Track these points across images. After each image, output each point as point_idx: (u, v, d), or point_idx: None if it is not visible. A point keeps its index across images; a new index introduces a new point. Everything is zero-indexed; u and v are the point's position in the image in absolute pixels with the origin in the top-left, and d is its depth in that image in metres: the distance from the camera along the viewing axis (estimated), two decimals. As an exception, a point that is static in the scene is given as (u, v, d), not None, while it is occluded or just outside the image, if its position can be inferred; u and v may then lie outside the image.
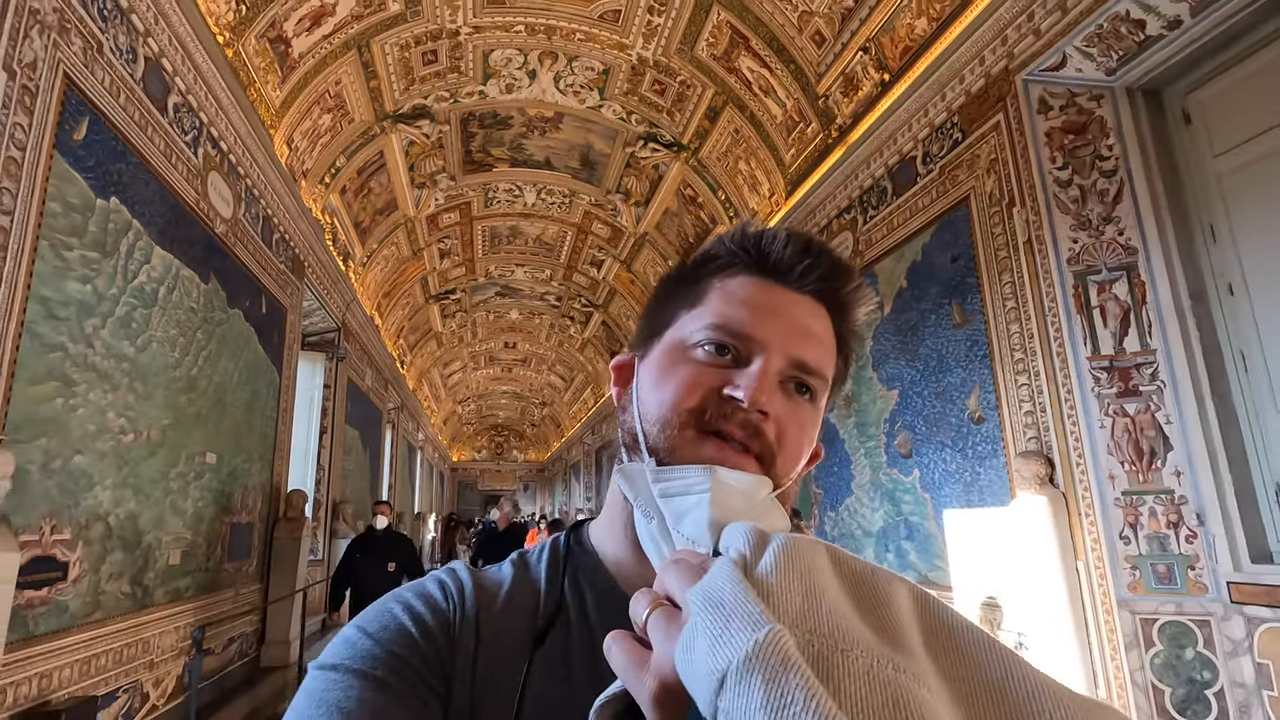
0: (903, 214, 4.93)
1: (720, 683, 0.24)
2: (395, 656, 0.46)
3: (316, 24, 5.44)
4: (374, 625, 0.48)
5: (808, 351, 0.51)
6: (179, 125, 4.16)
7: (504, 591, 0.54)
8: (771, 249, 0.53)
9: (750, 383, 0.48)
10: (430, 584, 0.53)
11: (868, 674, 0.24)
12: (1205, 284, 3.37)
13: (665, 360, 0.52)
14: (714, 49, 6.30)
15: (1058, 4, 3.60)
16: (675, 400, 0.49)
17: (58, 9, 3.03)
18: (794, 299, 0.53)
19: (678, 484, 0.44)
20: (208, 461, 4.68)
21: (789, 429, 0.49)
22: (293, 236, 6.30)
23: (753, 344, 0.50)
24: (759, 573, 0.28)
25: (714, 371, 0.50)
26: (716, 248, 0.56)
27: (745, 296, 0.52)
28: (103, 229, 3.43)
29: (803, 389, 0.51)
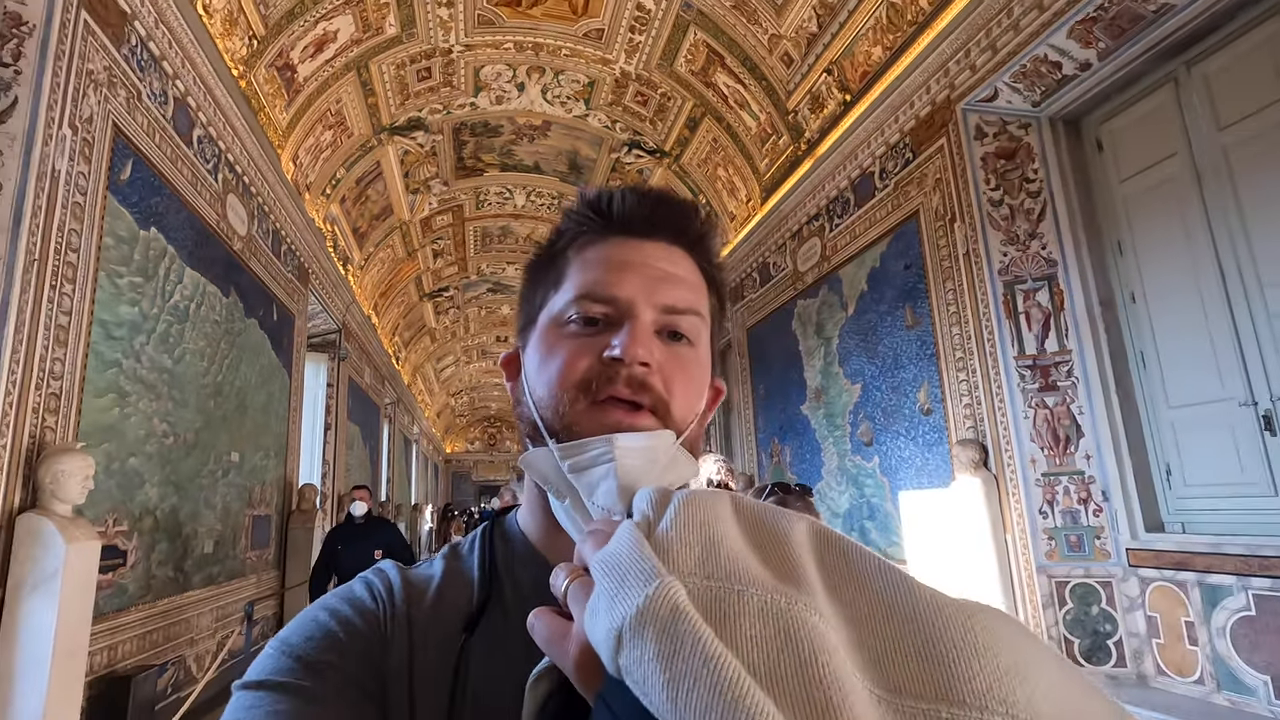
0: (863, 224, 5.43)
1: (619, 639, 0.25)
2: (321, 663, 0.45)
3: (320, 50, 5.86)
4: (297, 636, 0.48)
5: (674, 295, 0.52)
6: (202, 155, 4.59)
7: (434, 586, 0.54)
8: (613, 206, 0.54)
9: (625, 339, 0.48)
10: (357, 586, 0.53)
11: (761, 610, 0.25)
12: (1113, 293, 3.91)
13: (543, 344, 0.53)
14: (692, 65, 6.75)
15: (989, 44, 4.10)
16: (560, 377, 0.50)
17: (107, 67, 3.47)
18: (647, 248, 0.53)
19: (583, 458, 0.45)
20: (232, 460, 5.16)
21: (675, 375, 0.50)
22: (299, 247, 6.74)
23: (619, 303, 0.50)
24: (659, 530, 0.29)
25: (590, 340, 0.50)
26: (564, 221, 0.57)
27: (601, 259, 0.53)
28: (145, 256, 3.88)
29: (677, 336, 0.52)
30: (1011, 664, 0.24)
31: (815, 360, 6.16)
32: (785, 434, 6.71)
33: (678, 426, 0.49)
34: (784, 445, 6.74)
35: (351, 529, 5.09)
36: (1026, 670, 0.24)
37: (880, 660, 0.24)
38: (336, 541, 5.06)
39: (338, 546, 5.00)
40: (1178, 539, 3.43)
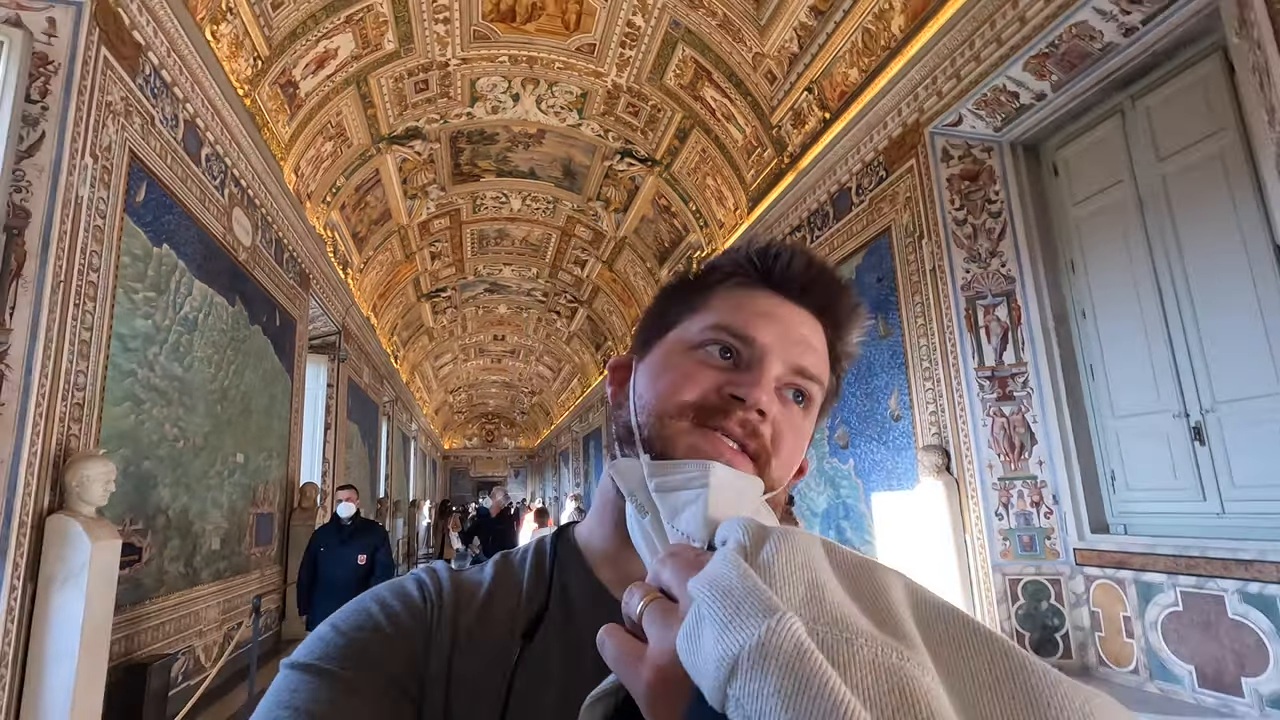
0: (841, 236, 5.70)
1: (731, 669, 0.24)
2: (367, 657, 0.46)
3: (321, 66, 6.11)
4: (347, 624, 0.48)
5: (807, 359, 0.52)
6: (209, 172, 4.85)
7: (484, 591, 0.54)
8: (777, 263, 0.54)
9: (753, 383, 0.48)
10: (409, 583, 0.53)
11: (873, 662, 0.24)
12: (1066, 309, 4.18)
13: (665, 358, 0.53)
14: (680, 79, 7.01)
15: (954, 73, 4.35)
16: (672, 390, 0.50)
17: (124, 97, 3.72)
18: (795, 311, 0.54)
19: (675, 478, 0.44)
20: (238, 460, 5.43)
21: (785, 433, 0.50)
22: (300, 254, 7.00)
23: (754, 347, 0.51)
24: (760, 562, 0.28)
25: (715, 371, 0.50)
26: (722, 260, 0.57)
27: (748, 303, 0.53)
28: (158, 272, 4.15)
29: (799, 396, 0.52)
30: None
31: (797, 366, 6.42)
32: (769, 436, 6.99)
33: (771, 483, 0.49)
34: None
35: (336, 531, 4.86)
36: None
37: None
38: (320, 544, 4.83)
39: (320, 549, 4.80)
40: (1118, 540, 3.71)
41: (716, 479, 0.42)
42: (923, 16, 4.54)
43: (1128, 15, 3.49)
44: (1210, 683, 3.17)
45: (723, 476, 0.43)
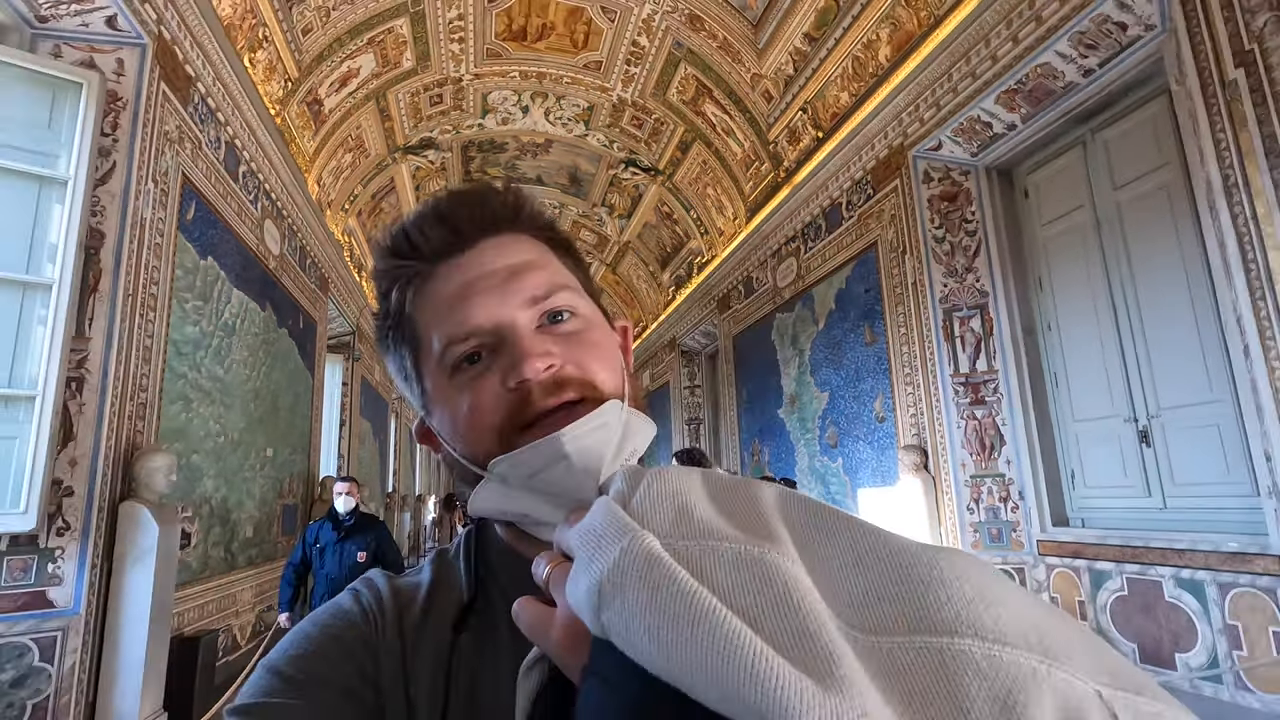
0: (833, 249, 6.09)
1: (599, 598, 0.25)
2: (316, 681, 0.45)
3: (344, 84, 6.51)
4: (285, 654, 0.47)
5: (529, 284, 0.49)
6: (245, 188, 5.26)
7: (423, 591, 0.53)
8: (414, 241, 0.51)
9: (516, 358, 0.46)
10: (345, 598, 0.53)
11: (735, 559, 0.25)
12: (1034, 322, 4.58)
13: (446, 408, 0.50)
14: (683, 95, 7.40)
15: (934, 102, 4.75)
16: (474, 424, 0.47)
17: (178, 125, 4.13)
18: (473, 258, 0.50)
19: (535, 461, 0.44)
20: (267, 455, 5.85)
21: (579, 352, 0.48)
22: (321, 259, 7.41)
23: (484, 329, 0.48)
24: (633, 503, 0.29)
25: (485, 379, 0.48)
26: (383, 284, 0.54)
27: (441, 298, 0.50)
28: (204, 282, 4.56)
29: (557, 316, 0.50)
30: (977, 592, 0.24)
31: (791, 369, 6.84)
32: (765, 435, 7.40)
33: (615, 394, 0.48)
34: (764, 445, 7.42)
35: (335, 527, 4.44)
36: (992, 597, 0.24)
37: (852, 604, 0.24)
38: (316, 540, 4.45)
39: (316, 546, 4.43)
40: (1076, 532, 4.12)
41: (569, 439, 0.43)
42: (907, 49, 4.93)
43: (1085, 59, 3.88)
44: (1149, 658, 3.58)
45: (574, 434, 0.43)
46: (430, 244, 0.51)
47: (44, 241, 3.29)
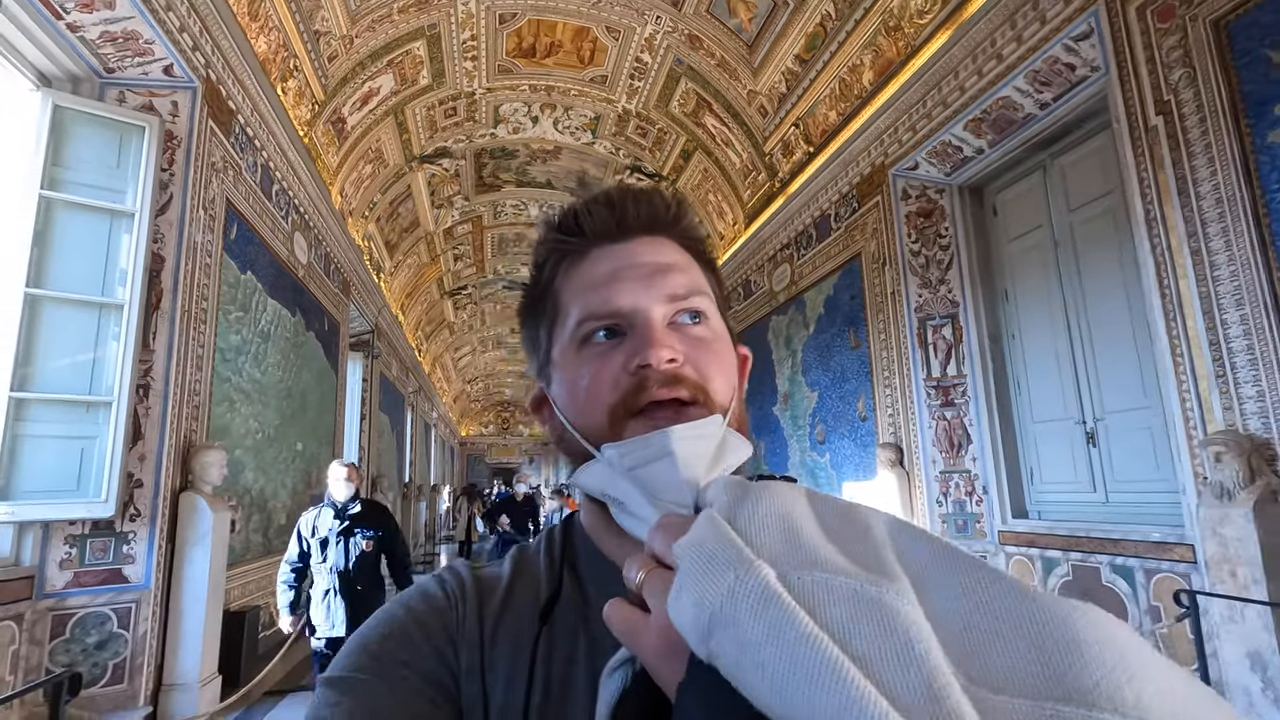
0: (822, 257, 6.52)
1: (709, 624, 0.26)
2: (400, 663, 0.48)
3: (365, 103, 7.00)
4: (375, 633, 0.50)
5: (672, 283, 0.52)
6: (278, 205, 5.77)
7: (504, 584, 0.55)
8: (582, 222, 0.55)
9: (644, 343, 0.49)
10: (431, 584, 0.55)
11: (853, 597, 0.24)
12: (1000, 330, 5.00)
13: (567, 374, 0.53)
14: (684, 108, 7.83)
15: (910, 125, 5.16)
16: (590, 399, 0.50)
17: (223, 156, 4.64)
18: (630, 249, 0.54)
19: (641, 453, 0.45)
20: (297, 449, 6.40)
21: (702, 358, 0.51)
22: (343, 264, 7.94)
23: (624, 314, 0.51)
24: (740, 521, 0.29)
25: (611, 354, 0.51)
26: (540, 253, 0.58)
27: (590, 277, 0.53)
28: (245, 294, 5.08)
29: (694, 316, 0.52)
30: (1119, 660, 0.22)
31: (784, 369, 7.29)
32: (760, 431, 7.86)
33: (722, 407, 0.50)
34: (759, 441, 7.89)
35: (337, 516, 3.91)
36: (1135, 667, 0.22)
37: (975, 655, 0.23)
38: (313, 533, 3.88)
39: (316, 539, 3.86)
40: (1031, 524, 4.56)
41: (677, 439, 0.44)
42: (887, 74, 5.34)
43: (1041, 94, 4.29)
44: (1089, 636, 4.02)
45: (681, 434, 0.45)
46: (594, 226, 0.55)
47: (115, 267, 3.81)
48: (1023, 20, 4.12)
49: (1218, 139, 3.08)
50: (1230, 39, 3.07)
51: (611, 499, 0.48)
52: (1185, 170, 3.23)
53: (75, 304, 3.67)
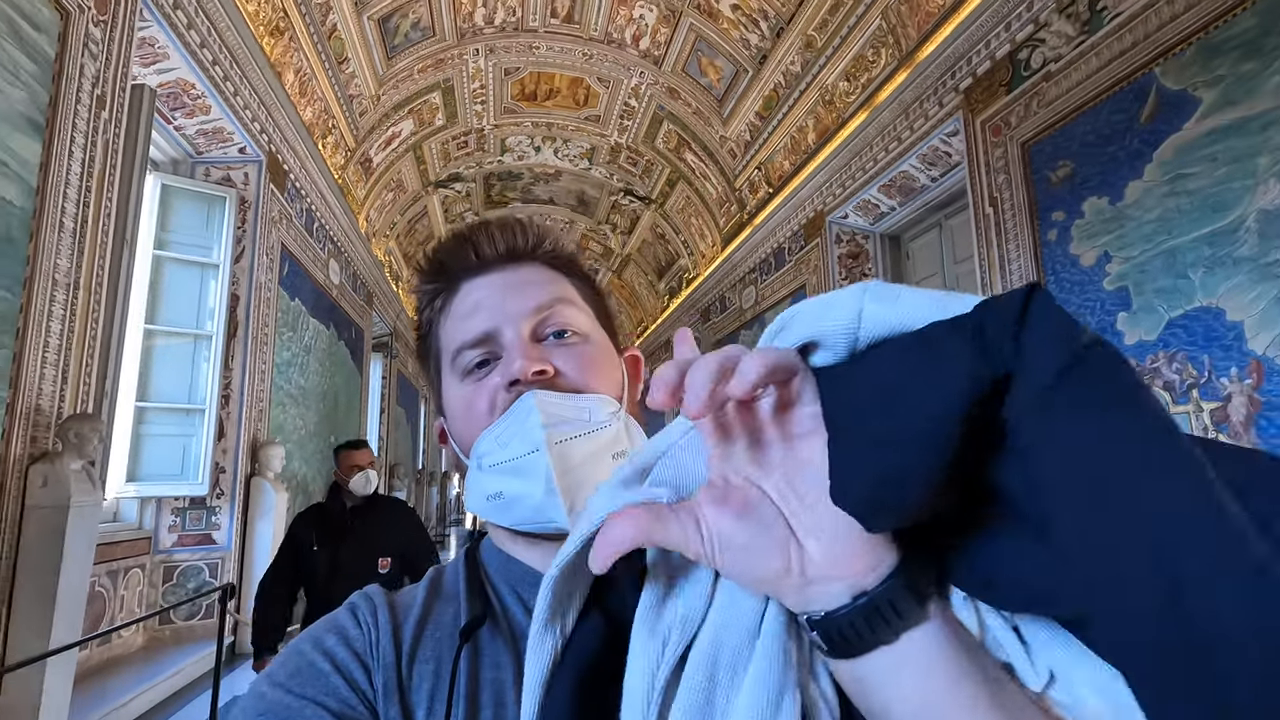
0: (779, 283, 7.70)
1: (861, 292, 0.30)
2: (311, 704, 0.46)
3: (388, 144, 8.25)
4: (284, 674, 0.48)
5: (531, 298, 0.55)
6: (317, 238, 7.04)
7: (419, 603, 0.55)
8: (443, 259, 0.59)
9: (510, 360, 0.52)
10: (342, 615, 0.54)
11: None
12: (908, 355, 6.17)
13: (453, 407, 0.57)
14: (668, 144, 9.01)
15: (840, 183, 6.32)
16: (473, 423, 0.54)
17: (279, 209, 5.90)
18: (488, 279, 0.57)
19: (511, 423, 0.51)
20: (331, 441, 7.71)
21: (574, 365, 0.54)
22: (367, 279, 9.23)
23: (488, 339, 0.54)
24: None
25: (486, 380, 0.54)
26: (420, 300, 0.62)
27: (458, 311, 0.57)
28: (293, 317, 6.37)
29: (560, 333, 0.55)
30: None
31: (749, 378, 8.48)
32: (731, 430, 9.07)
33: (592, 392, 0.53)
34: (730, 439, 9.10)
35: (342, 518, 3.14)
36: None
37: None
38: (310, 535, 3.11)
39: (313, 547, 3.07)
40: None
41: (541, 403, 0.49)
42: (823, 139, 6.50)
43: (930, 171, 5.45)
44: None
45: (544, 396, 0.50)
46: (454, 264, 0.59)
47: (205, 306, 5.10)
48: (914, 114, 5.27)
49: (1020, 232, 4.24)
50: (1030, 158, 4.22)
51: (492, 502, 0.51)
52: (1004, 251, 4.39)
53: (177, 335, 4.97)
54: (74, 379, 3.22)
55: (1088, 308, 3.74)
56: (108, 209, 3.45)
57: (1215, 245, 3.10)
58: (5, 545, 2.82)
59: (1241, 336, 2.98)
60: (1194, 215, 3.19)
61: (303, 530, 3.20)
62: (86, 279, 3.30)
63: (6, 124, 2.79)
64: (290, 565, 3.17)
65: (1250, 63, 2.98)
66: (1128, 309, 3.52)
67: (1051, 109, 4.03)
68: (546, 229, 0.61)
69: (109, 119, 3.43)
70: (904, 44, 5.29)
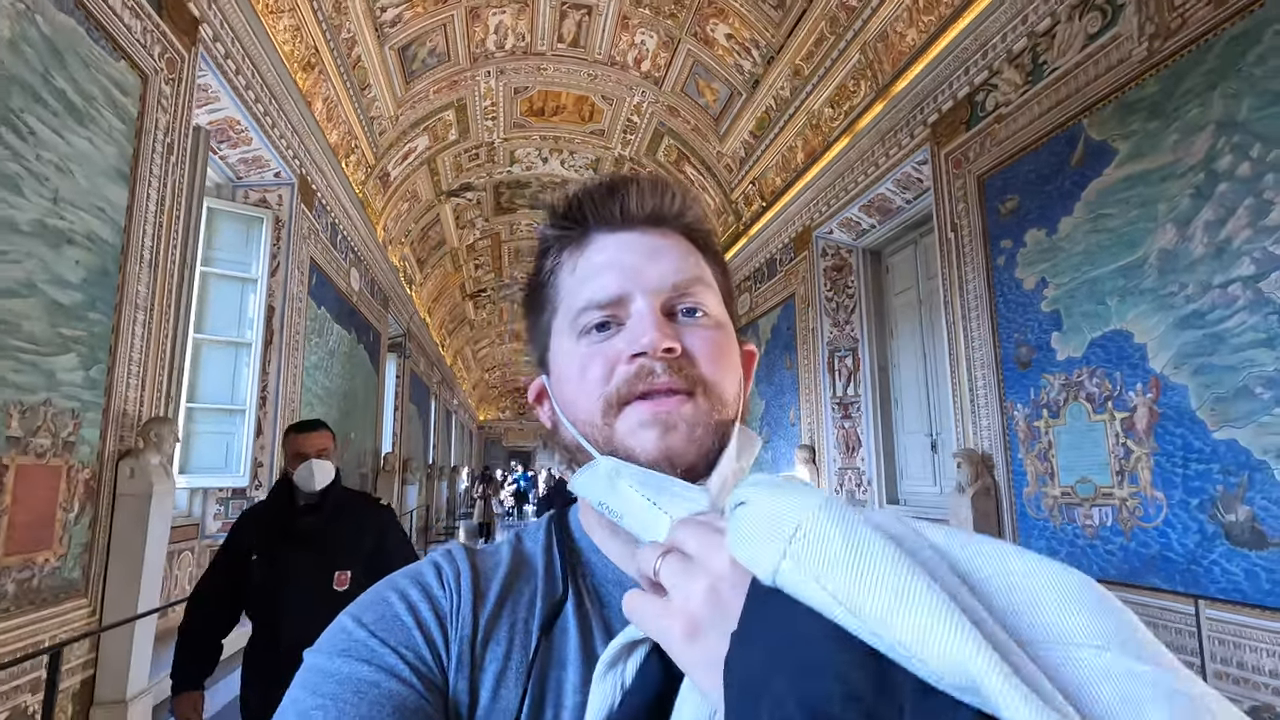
0: (771, 292, 8.24)
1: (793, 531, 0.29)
2: (393, 652, 0.47)
3: (405, 159, 8.82)
4: (370, 616, 0.49)
5: (671, 274, 0.52)
6: (340, 249, 7.62)
7: (501, 577, 0.55)
8: (584, 209, 0.55)
9: (640, 331, 0.49)
10: (428, 571, 0.54)
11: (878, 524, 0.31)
12: (887, 361, 6.71)
13: (563, 366, 0.54)
14: (668, 157, 9.54)
15: (826, 201, 6.84)
16: (587, 389, 0.51)
17: (309, 225, 6.48)
18: (628, 238, 0.54)
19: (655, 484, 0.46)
20: (352, 437, 8.31)
21: (702, 349, 0.51)
22: (384, 284, 9.81)
23: (619, 303, 0.51)
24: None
25: (607, 345, 0.51)
26: (544, 242, 0.59)
27: (588, 266, 0.54)
28: (320, 324, 6.95)
29: (691, 312, 0.53)
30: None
31: (744, 380, 9.03)
32: (727, 429, 9.63)
33: (727, 404, 0.51)
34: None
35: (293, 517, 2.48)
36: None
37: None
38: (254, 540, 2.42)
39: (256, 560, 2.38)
40: (900, 509, 6.29)
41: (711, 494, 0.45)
42: (811, 160, 7.02)
43: (905, 194, 5.98)
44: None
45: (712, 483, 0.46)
46: (595, 214, 0.55)
47: (245, 316, 5.68)
48: (889, 142, 5.79)
49: (975, 256, 4.77)
50: (985, 190, 4.74)
51: (609, 509, 0.48)
52: (963, 272, 4.92)
53: (221, 343, 5.56)
54: (149, 386, 3.81)
55: (1028, 326, 4.28)
56: (174, 239, 4.03)
57: (1127, 277, 3.62)
58: (101, 527, 3.41)
59: (1145, 356, 3.51)
60: (1111, 250, 3.72)
61: (243, 531, 2.47)
62: (158, 299, 3.88)
63: (104, 176, 3.36)
64: (224, 576, 2.39)
65: (1155, 121, 3.51)
66: (1060, 329, 4.05)
67: (1001, 147, 4.55)
68: (693, 198, 0.59)
69: (175, 161, 4.01)
70: (880, 78, 5.81)
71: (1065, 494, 4.00)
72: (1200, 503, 3.23)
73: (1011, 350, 4.44)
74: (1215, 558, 3.16)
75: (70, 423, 3.16)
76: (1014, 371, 4.42)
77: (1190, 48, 3.34)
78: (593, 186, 0.56)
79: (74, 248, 3.15)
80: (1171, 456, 3.38)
